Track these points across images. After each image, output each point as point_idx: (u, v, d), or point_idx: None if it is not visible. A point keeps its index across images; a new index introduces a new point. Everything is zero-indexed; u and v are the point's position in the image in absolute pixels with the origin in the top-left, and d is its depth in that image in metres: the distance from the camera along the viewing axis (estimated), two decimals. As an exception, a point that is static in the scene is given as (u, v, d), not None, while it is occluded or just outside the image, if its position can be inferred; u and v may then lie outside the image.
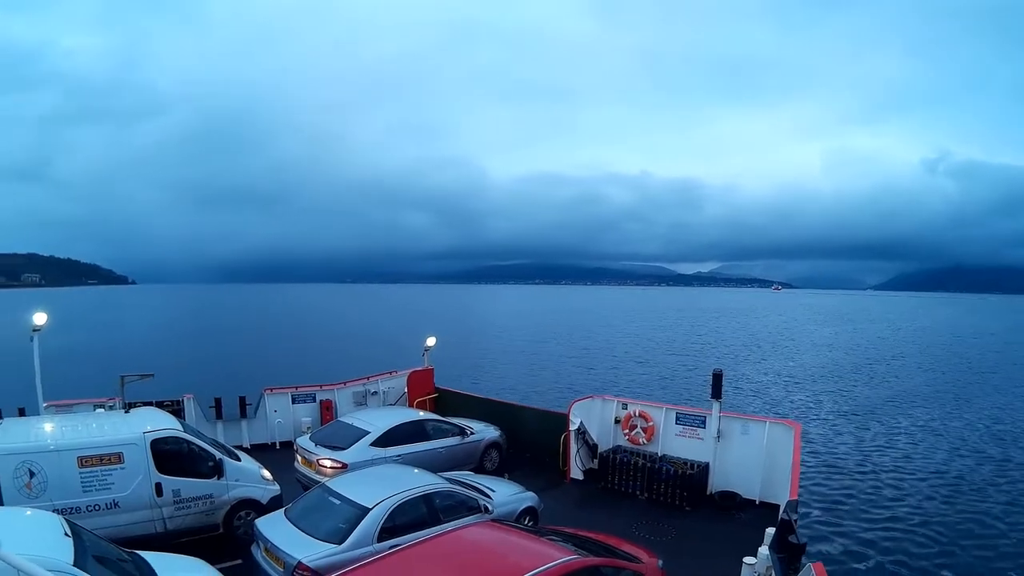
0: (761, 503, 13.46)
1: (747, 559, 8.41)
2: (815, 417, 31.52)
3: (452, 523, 9.16)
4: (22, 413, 13.88)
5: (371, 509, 8.91)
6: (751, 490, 13.69)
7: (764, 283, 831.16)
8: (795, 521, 8.43)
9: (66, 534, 6.71)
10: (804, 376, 45.86)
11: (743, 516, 13.07)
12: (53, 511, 7.85)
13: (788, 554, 7.84)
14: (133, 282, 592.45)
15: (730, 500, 13.62)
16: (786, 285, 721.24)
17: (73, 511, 9.06)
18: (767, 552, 8.21)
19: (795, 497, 9.84)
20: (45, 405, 13.56)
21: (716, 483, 14.14)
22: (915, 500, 19.19)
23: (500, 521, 9.54)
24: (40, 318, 13.57)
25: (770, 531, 8.92)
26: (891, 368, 49.58)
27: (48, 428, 10.16)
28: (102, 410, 13.75)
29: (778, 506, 11.75)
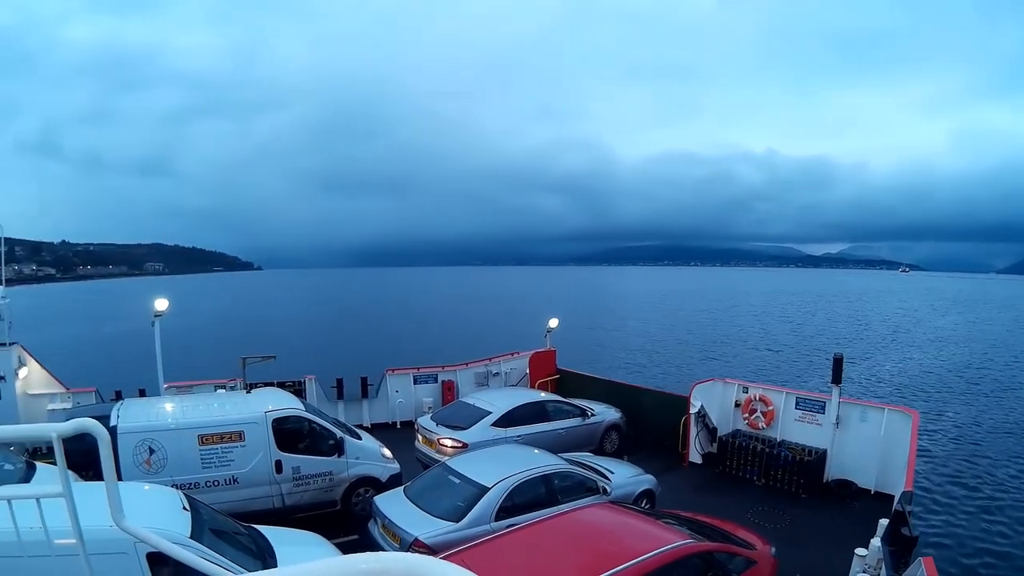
0: (876, 493, 13.58)
1: (859, 550, 8.69)
2: (925, 408, 29.40)
3: (570, 504, 9.32)
4: (142, 394, 15.19)
5: (490, 488, 9.17)
6: (867, 479, 13.86)
7: (892, 264, 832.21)
8: (909, 513, 8.38)
9: (184, 508, 7.28)
10: (913, 371, 42.13)
11: (857, 505, 13.25)
12: (172, 486, 8.57)
13: (900, 547, 7.83)
14: (259, 268, 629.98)
15: (845, 489, 13.84)
16: (913, 267, 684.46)
17: (192, 486, 9.90)
18: (879, 544, 8.43)
19: (910, 488, 9.98)
20: (165, 386, 14.83)
21: (832, 471, 14.35)
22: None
23: (617, 503, 9.74)
24: (161, 304, 14.78)
25: (883, 522, 9.08)
26: (1011, 371, 43.07)
27: (168, 407, 11.13)
28: (223, 391, 14.77)
29: (893, 496, 11.73)
